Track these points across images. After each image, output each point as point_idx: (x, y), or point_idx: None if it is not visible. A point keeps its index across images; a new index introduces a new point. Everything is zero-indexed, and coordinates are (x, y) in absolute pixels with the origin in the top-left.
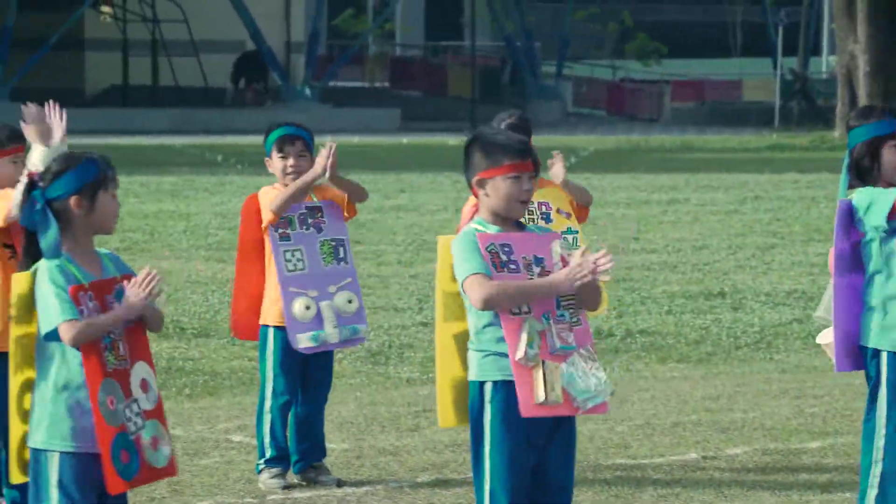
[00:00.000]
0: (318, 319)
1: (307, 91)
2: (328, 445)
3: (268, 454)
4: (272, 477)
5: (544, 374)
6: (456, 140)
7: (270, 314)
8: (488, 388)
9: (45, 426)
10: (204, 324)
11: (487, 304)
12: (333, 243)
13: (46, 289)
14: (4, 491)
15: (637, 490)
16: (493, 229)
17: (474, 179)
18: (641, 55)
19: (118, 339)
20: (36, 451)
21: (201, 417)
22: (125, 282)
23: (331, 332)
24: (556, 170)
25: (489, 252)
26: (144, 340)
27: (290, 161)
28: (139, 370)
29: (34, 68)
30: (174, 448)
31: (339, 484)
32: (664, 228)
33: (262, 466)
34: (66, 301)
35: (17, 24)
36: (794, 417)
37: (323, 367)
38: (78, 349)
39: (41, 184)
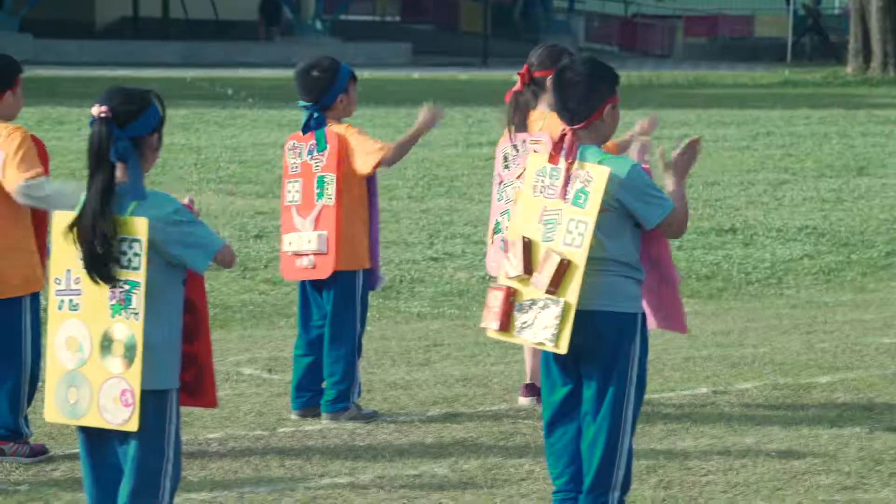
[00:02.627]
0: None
1: (318, 25)
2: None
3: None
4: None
5: None
6: (467, 75)
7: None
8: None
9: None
10: None
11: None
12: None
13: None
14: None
15: (647, 425)
16: None
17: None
18: None
19: None
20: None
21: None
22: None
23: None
24: (640, 129)
25: None
26: None
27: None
28: None
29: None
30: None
31: (369, 418)
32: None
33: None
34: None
35: None
36: (804, 352)
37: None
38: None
39: (115, 122)
